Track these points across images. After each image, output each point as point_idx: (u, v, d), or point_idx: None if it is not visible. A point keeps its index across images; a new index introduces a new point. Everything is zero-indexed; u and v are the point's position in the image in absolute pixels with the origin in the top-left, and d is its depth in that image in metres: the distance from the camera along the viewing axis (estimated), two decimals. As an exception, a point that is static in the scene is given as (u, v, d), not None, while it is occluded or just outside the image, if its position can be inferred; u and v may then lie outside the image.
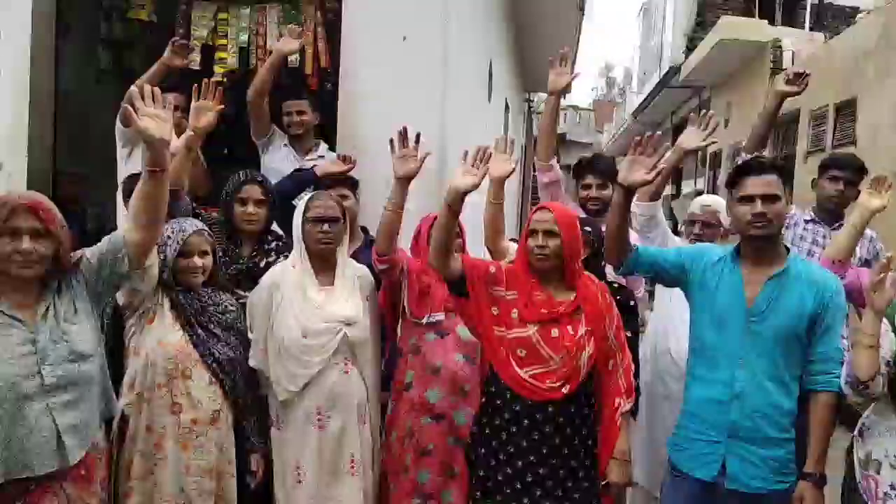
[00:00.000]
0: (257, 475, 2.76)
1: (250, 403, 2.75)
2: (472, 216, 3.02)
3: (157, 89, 2.32)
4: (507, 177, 3.04)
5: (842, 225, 3.39)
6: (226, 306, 2.72)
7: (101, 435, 2.31)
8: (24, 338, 2.10)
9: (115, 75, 4.73)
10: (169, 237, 2.60)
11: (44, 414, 2.08)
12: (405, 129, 2.78)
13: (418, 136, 2.78)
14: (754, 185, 2.40)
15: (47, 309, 2.17)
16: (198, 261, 2.65)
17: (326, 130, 4.06)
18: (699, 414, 2.46)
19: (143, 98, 2.27)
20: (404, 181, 2.76)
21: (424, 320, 2.85)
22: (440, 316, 2.85)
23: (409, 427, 2.84)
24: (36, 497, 2.10)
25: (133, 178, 2.78)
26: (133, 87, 2.32)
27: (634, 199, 2.68)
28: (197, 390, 2.57)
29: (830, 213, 3.53)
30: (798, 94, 3.41)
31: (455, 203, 2.50)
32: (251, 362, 2.74)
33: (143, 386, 2.53)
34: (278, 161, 3.79)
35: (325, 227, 2.75)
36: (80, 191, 4.65)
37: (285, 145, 3.87)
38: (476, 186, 2.53)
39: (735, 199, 2.44)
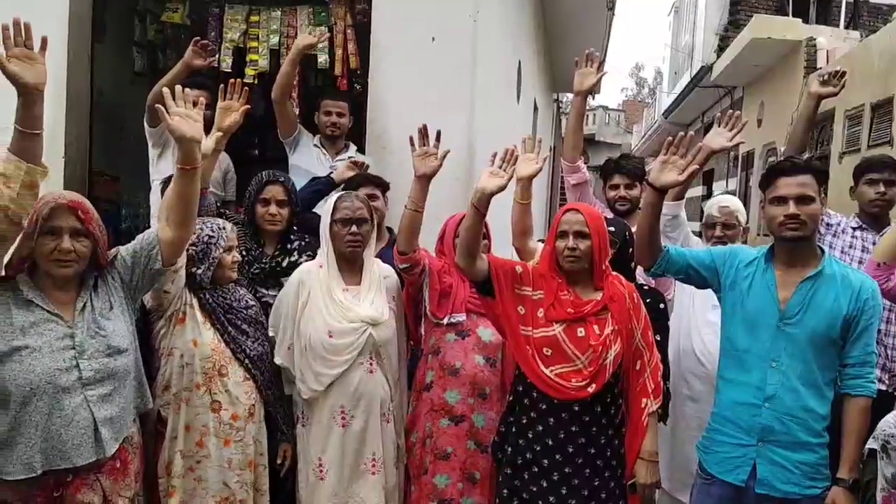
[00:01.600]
0: (285, 465, 2.81)
1: (277, 396, 2.80)
2: (500, 216, 3.02)
3: (188, 90, 2.38)
4: (534, 176, 3.04)
5: None
6: (247, 301, 2.76)
7: (136, 428, 2.37)
8: (63, 333, 2.17)
9: (148, 78, 4.81)
10: (210, 235, 2.63)
11: (82, 406, 2.15)
12: (425, 127, 2.78)
13: (438, 133, 2.78)
14: (787, 185, 2.36)
15: (84, 305, 2.24)
16: (237, 255, 2.72)
17: (354, 131, 4.09)
18: (730, 417, 2.43)
19: (174, 98, 2.32)
20: (424, 180, 2.75)
21: (445, 321, 2.84)
22: (461, 317, 2.85)
23: (429, 428, 2.85)
24: (73, 488, 2.15)
25: (170, 181, 2.83)
26: (164, 89, 2.38)
27: None
28: (234, 387, 2.62)
29: (876, 218, 3.38)
30: (835, 94, 3.35)
31: (482, 204, 2.50)
32: (276, 360, 2.78)
33: (180, 386, 2.57)
34: (307, 161, 3.80)
35: (353, 228, 2.77)
36: (114, 190, 4.74)
37: (315, 145, 3.87)
38: (503, 188, 2.53)
39: (768, 200, 2.42)
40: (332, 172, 3.63)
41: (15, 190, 2.02)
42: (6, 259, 2.22)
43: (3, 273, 2.22)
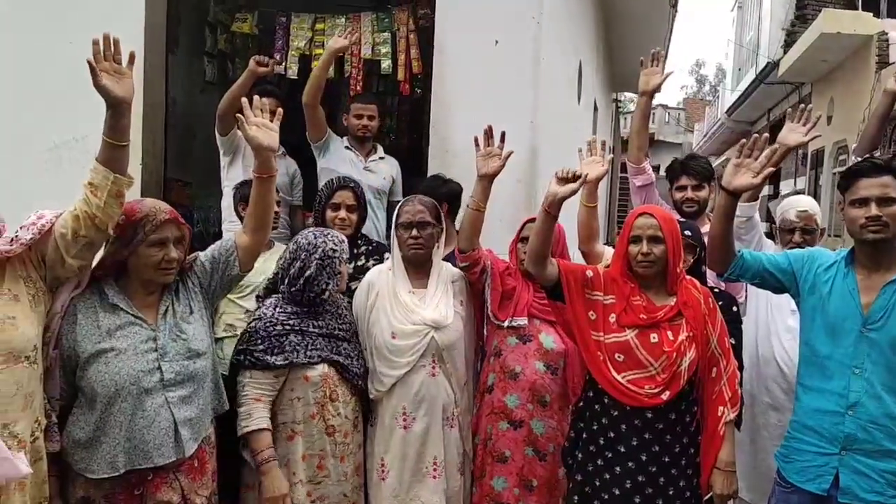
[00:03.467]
0: None
1: None
2: (563, 219, 3.00)
3: (265, 100, 2.43)
4: (601, 179, 3.02)
5: None
6: (342, 312, 2.76)
7: (212, 429, 2.42)
8: (147, 336, 2.25)
9: (218, 86, 4.95)
10: (334, 249, 2.64)
11: (163, 407, 2.22)
12: (490, 128, 2.79)
13: (503, 134, 2.78)
14: (868, 186, 2.29)
15: (167, 309, 2.32)
16: (349, 267, 2.77)
17: (415, 134, 4.12)
18: (811, 425, 2.36)
19: (251, 109, 2.39)
20: (487, 180, 2.76)
21: (506, 323, 2.83)
22: (522, 321, 2.83)
23: (489, 430, 2.84)
24: (154, 487, 2.23)
25: (245, 184, 2.91)
26: (243, 99, 2.44)
27: None
28: (343, 407, 2.65)
29: None
30: None
31: (553, 208, 2.50)
32: None
33: (291, 418, 2.59)
34: (338, 163, 3.81)
35: (414, 232, 2.80)
36: (187, 195, 4.89)
37: (347, 147, 3.89)
38: (575, 191, 2.52)
39: (848, 202, 2.34)
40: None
41: (102, 199, 2.10)
42: (95, 264, 2.30)
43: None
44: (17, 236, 2.04)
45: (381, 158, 3.95)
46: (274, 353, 2.52)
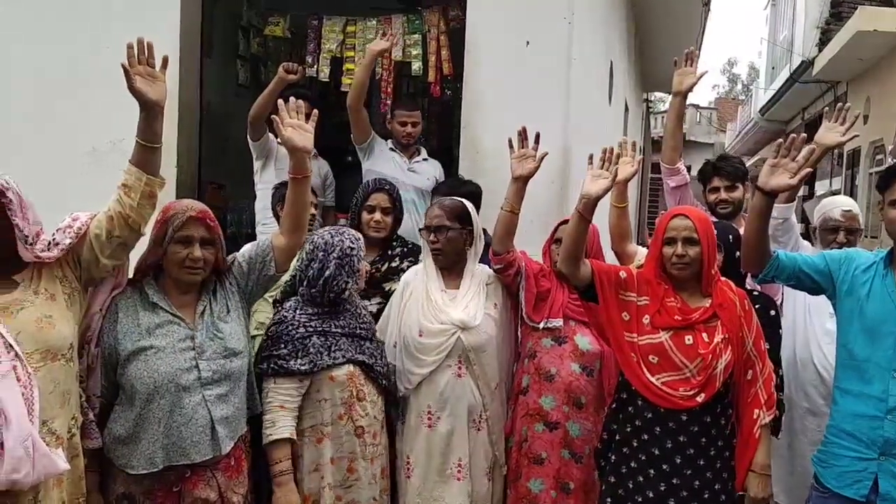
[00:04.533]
0: None
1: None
2: (597, 219, 3.00)
3: (300, 102, 2.46)
4: (630, 179, 3.00)
5: None
6: (360, 311, 2.75)
7: (248, 428, 2.45)
8: (185, 334, 2.29)
9: (251, 90, 5.01)
10: (351, 247, 2.62)
11: (200, 405, 2.25)
12: (524, 130, 2.79)
13: (538, 136, 2.78)
14: None
15: (205, 309, 2.35)
16: (367, 265, 2.79)
17: (445, 136, 4.12)
18: (849, 429, 2.32)
19: (287, 110, 2.42)
20: (521, 181, 2.76)
21: (541, 325, 2.82)
22: (558, 322, 2.82)
23: (525, 432, 2.83)
24: (192, 483, 2.26)
25: (284, 185, 2.93)
26: (279, 101, 2.48)
27: None
28: (370, 406, 2.63)
29: None
30: None
31: (587, 210, 2.49)
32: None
33: (318, 420, 2.56)
34: (382, 165, 3.83)
35: (431, 236, 2.82)
36: (220, 197, 4.96)
37: (392, 149, 3.92)
38: (608, 190, 2.51)
39: (887, 203, 2.31)
40: None
41: (135, 200, 2.15)
42: (136, 264, 2.35)
43: (131, 276, 2.37)
44: (54, 240, 2.10)
45: (425, 160, 3.97)
46: (298, 357, 2.50)
